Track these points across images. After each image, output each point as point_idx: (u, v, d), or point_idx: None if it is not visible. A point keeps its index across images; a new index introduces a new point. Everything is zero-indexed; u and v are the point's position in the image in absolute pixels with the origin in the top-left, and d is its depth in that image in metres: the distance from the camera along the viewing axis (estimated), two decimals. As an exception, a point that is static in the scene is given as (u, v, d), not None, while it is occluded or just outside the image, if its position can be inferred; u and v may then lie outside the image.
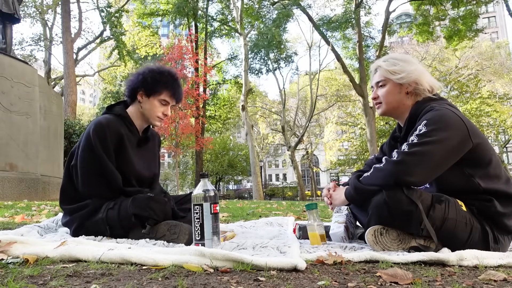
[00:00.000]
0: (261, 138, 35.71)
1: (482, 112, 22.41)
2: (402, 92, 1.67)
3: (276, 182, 46.41)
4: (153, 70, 1.89)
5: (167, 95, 1.89)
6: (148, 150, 1.99)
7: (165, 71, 1.90)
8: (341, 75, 24.95)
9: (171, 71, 1.94)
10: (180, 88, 1.95)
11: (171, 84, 1.89)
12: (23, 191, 5.53)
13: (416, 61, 1.73)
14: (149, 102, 1.88)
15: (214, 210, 1.49)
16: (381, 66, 1.71)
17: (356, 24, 17.08)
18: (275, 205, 5.43)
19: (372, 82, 1.79)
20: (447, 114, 1.52)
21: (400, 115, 1.73)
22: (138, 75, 1.90)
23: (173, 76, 1.92)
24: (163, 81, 1.87)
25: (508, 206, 1.52)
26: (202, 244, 1.47)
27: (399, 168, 1.44)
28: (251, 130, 17.50)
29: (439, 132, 1.45)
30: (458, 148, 1.48)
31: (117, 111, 1.89)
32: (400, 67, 1.66)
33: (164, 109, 1.90)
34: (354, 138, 28.18)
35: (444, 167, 1.48)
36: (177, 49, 16.57)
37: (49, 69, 21.60)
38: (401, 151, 1.48)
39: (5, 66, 5.67)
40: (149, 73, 1.87)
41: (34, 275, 1.06)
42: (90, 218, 1.72)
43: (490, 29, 41.74)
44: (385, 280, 1.09)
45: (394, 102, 1.70)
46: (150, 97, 1.87)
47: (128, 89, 1.91)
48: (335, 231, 1.85)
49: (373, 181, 1.53)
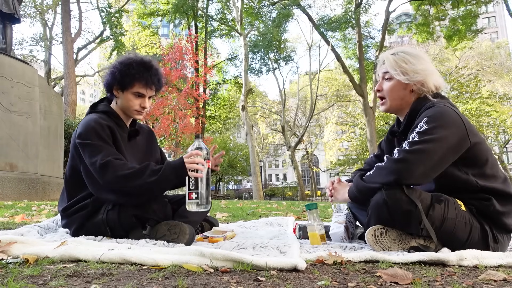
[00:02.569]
0: (261, 138, 35.71)
1: (482, 112, 22.42)
2: (407, 89, 1.67)
3: (276, 182, 46.41)
4: (122, 63, 1.81)
5: (140, 86, 1.81)
6: (139, 143, 1.97)
7: (133, 62, 1.80)
8: (341, 75, 24.95)
9: (142, 60, 1.84)
10: (156, 76, 1.85)
11: (142, 75, 1.80)
12: (23, 191, 5.53)
13: (426, 58, 1.69)
14: (124, 96, 1.83)
15: (208, 166, 1.66)
16: (389, 60, 1.68)
17: (356, 24, 17.07)
18: (275, 205, 5.43)
19: (378, 71, 1.76)
20: (448, 112, 1.51)
21: (401, 111, 1.72)
22: (110, 70, 1.84)
23: (145, 65, 1.82)
24: (132, 73, 1.79)
25: (506, 205, 1.53)
26: (196, 193, 1.59)
27: (400, 167, 1.44)
28: (251, 130, 17.50)
29: (439, 130, 1.45)
30: (457, 147, 1.48)
31: (102, 108, 1.85)
32: (408, 66, 1.63)
33: (140, 101, 1.84)
34: (354, 138, 28.18)
35: (444, 165, 1.48)
36: (177, 49, 16.57)
37: (49, 69, 21.61)
38: (402, 149, 1.47)
39: (5, 66, 5.67)
40: (118, 67, 1.80)
41: (34, 275, 1.06)
42: (90, 219, 1.72)
43: (490, 29, 41.75)
44: (385, 280, 1.09)
45: (398, 99, 1.69)
46: (124, 91, 1.83)
47: (105, 86, 1.87)
48: (335, 231, 1.86)
49: (376, 179, 1.52)
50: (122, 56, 1.88)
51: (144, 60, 1.84)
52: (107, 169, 1.60)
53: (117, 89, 1.84)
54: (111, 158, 1.62)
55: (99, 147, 1.66)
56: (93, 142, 1.67)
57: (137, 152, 1.91)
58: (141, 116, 1.89)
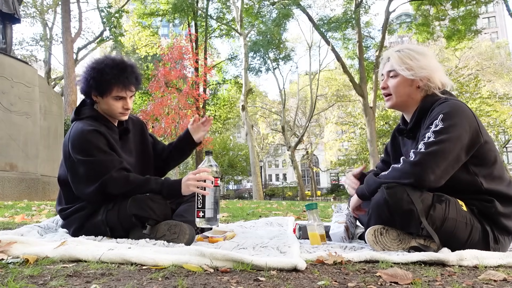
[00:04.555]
0: (261, 138, 35.70)
1: (482, 112, 22.41)
2: (413, 85, 1.64)
3: (276, 182, 46.40)
4: (94, 68, 1.75)
5: (118, 90, 1.76)
6: (130, 140, 1.96)
7: (105, 67, 1.74)
8: (341, 75, 24.94)
9: (115, 61, 1.77)
10: (132, 75, 1.79)
11: (118, 78, 1.74)
12: (23, 191, 5.53)
13: (431, 55, 1.68)
14: (105, 101, 1.79)
15: (215, 183, 1.67)
16: (394, 57, 1.66)
17: (356, 24, 17.06)
18: (275, 205, 5.43)
19: (383, 70, 1.74)
20: (462, 107, 1.50)
21: (407, 108, 1.70)
22: (83, 77, 1.79)
23: (117, 66, 1.75)
24: (107, 79, 1.73)
25: (508, 207, 1.52)
26: (203, 211, 1.62)
27: (417, 170, 1.42)
28: (251, 130, 17.50)
29: (456, 128, 1.43)
30: (471, 144, 1.47)
31: (88, 113, 1.81)
32: (413, 62, 1.61)
33: (122, 103, 1.80)
34: (354, 138, 28.18)
35: (459, 164, 1.46)
36: (176, 49, 16.55)
37: (49, 69, 21.62)
38: (419, 151, 1.44)
39: (5, 66, 5.67)
40: (91, 74, 1.74)
41: (34, 275, 1.06)
42: (90, 220, 1.72)
43: (490, 29, 41.76)
44: (385, 280, 1.08)
45: (404, 95, 1.66)
46: (104, 96, 1.78)
47: (82, 93, 1.83)
48: (335, 231, 1.86)
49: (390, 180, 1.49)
50: (93, 60, 1.81)
51: (116, 62, 1.78)
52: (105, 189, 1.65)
53: (95, 95, 1.81)
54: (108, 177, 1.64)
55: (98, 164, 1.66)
56: (91, 159, 1.67)
57: (129, 151, 1.91)
58: (126, 117, 1.87)
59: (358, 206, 1.74)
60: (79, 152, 1.69)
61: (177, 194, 1.68)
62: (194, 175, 1.64)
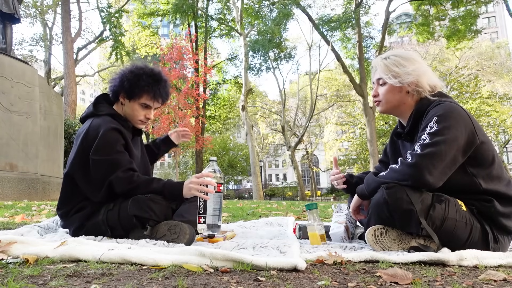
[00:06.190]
0: (261, 138, 35.71)
1: (482, 112, 22.42)
2: (402, 91, 1.66)
3: (276, 182, 46.43)
4: (132, 72, 1.81)
5: (147, 98, 1.83)
6: (139, 141, 2.02)
7: (143, 74, 1.81)
8: (341, 75, 24.96)
9: (152, 72, 1.85)
10: (164, 88, 1.87)
11: (151, 87, 1.81)
12: (23, 191, 5.53)
13: (418, 59, 1.68)
14: (131, 105, 1.84)
15: (218, 190, 1.70)
16: (381, 65, 1.69)
17: (356, 24, 17.07)
18: (275, 205, 5.43)
19: (373, 78, 1.77)
20: (457, 109, 1.51)
21: (401, 113, 1.71)
22: (119, 77, 1.84)
23: (154, 77, 1.83)
24: (141, 85, 1.79)
25: (508, 207, 1.52)
26: (204, 217, 1.64)
27: (414, 171, 1.43)
28: (251, 130, 17.50)
29: (450, 130, 1.44)
30: (467, 145, 1.47)
31: (107, 111, 1.84)
32: (399, 69, 1.62)
33: (146, 112, 1.86)
34: (354, 138, 28.20)
35: (456, 165, 1.47)
36: (176, 49, 16.55)
37: (49, 69, 21.61)
38: (415, 153, 1.45)
39: (5, 66, 5.67)
40: (128, 76, 1.80)
41: (34, 275, 1.06)
42: (90, 220, 1.72)
43: (490, 29, 41.77)
44: (385, 280, 1.08)
45: (394, 101, 1.68)
46: (131, 100, 1.83)
47: (111, 91, 1.87)
48: (335, 231, 1.86)
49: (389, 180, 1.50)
50: (132, 64, 1.88)
51: (154, 72, 1.85)
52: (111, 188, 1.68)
53: (123, 97, 1.85)
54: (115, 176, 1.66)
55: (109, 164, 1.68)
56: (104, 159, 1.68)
57: (137, 150, 1.96)
58: (143, 126, 1.92)
59: (358, 210, 1.76)
60: (96, 150, 1.70)
61: (178, 196, 1.69)
62: (197, 178, 1.65)
